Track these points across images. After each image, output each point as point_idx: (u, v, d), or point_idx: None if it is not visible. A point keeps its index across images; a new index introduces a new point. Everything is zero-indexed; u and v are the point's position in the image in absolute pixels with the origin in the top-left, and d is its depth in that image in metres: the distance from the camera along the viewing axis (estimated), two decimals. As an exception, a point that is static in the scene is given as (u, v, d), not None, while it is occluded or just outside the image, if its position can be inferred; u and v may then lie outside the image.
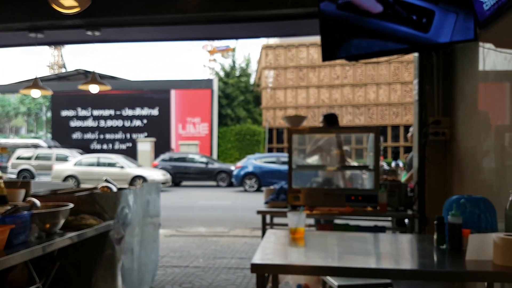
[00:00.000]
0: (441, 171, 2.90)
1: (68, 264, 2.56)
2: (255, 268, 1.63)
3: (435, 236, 1.82)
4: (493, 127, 2.23)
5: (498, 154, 2.15)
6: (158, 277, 4.38)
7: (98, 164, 14.03)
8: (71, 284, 2.59)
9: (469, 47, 2.56)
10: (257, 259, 1.68)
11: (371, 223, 3.34)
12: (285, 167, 10.21)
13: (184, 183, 16.25)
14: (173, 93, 22.41)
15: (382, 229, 3.06)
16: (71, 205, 2.23)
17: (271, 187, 3.53)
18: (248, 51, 63.82)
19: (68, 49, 45.46)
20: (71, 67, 42.59)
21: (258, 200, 3.29)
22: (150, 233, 3.37)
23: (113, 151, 20.60)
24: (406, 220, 3.14)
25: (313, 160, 3.74)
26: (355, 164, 3.77)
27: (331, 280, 2.45)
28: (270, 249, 1.89)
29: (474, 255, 1.60)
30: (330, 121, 3.79)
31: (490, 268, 1.51)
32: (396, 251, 1.86)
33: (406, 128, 24.55)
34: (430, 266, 1.60)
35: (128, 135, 22.16)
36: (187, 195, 13.00)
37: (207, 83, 22.79)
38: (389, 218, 3.51)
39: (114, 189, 2.89)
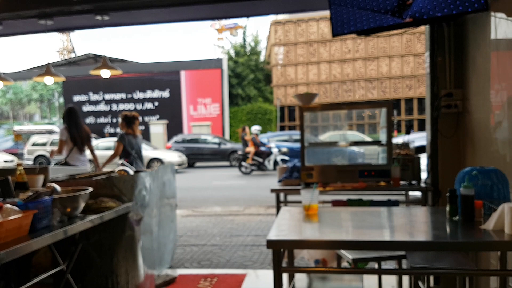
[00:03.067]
0: (454, 144, 2.88)
1: (90, 246, 2.67)
2: (270, 244, 1.68)
3: (447, 208, 1.84)
4: (505, 97, 2.20)
5: (511, 125, 2.13)
6: (177, 256, 4.52)
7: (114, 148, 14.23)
8: (93, 265, 2.70)
9: (480, 17, 2.50)
10: (273, 235, 1.73)
11: (384, 198, 3.37)
12: (297, 145, 10.32)
13: (198, 164, 16.43)
14: (183, 74, 22.39)
15: (396, 203, 3.08)
16: (90, 189, 2.30)
17: (285, 165, 3.56)
18: (257, 28, 62.68)
19: (76, 33, 45.47)
20: (80, 51, 42.69)
21: (271, 180, 3.34)
22: (168, 213, 3.47)
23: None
24: (419, 193, 3.15)
25: (325, 137, 3.75)
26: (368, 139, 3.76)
27: (346, 254, 2.51)
28: (285, 225, 1.93)
29: (488, 225, 1.61)
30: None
31: (503, 238, 1.53)
32: (410, 223, 1.89)
33: (420, 101, 24.18)
34: (443, 237, 1.63)
35: (140, 118, 22.37)
36: (201, 176, 13.17)
37: (216, 63, 22.66)
38: (403, 192, 3.52)
39: (131, 172, 2.96)
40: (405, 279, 3.02)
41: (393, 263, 3.86)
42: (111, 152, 5.37)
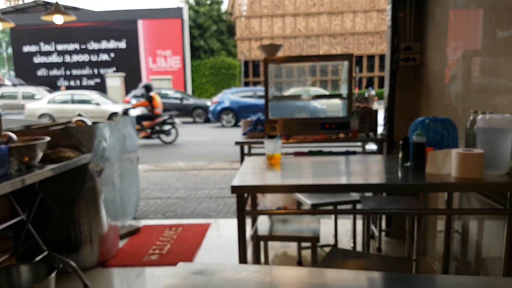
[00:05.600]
0: (410, 97, 3.01)
1: (50, 197, 2.62)
2: (234, 189, 1.73)
3: (400, 155, 1.96)
4: (460, 53, 2.29)
5: (464, 79, 2.24)
6: (141, 208, 4.55)
7: (73, 102, 13.62)
8: (54, 216, 2.67)
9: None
10: (237, 181, 1.78)
11: (343, 150, 3.51)
12: (262, 102, 10.23)
13: (159, 119, 16.07)
14: (140, 23, 21.27)
15: (353, 154, 3.23)
16: (48, 138, 2.23)
17: (249, 118, 3.59)
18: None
19: (21, -23, 41.41)
20: (27, -2, 39.13)
21: (236, 135, 3.36)
22: (129, 167, 3.44)
23: (81, 87, 19.90)
24: (375, 147, 3.30)
25: (290, 93, 3.79)
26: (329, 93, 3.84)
27: (305, 200, 2.63)
28: (249, 173, 1.98)
29: (433, 169, 1.75)
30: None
31: (450, 180, 1.66)
32: (365, 169, 2.00)
33: (381, 57, 24.58)
34: (395, 180, 1.75)
35: (95, 71, 21.32)
36: (163, 131, 12.93)
37: (176, 12, 21.61)
38: (359, 144, 3.68)
39: (89, 123, 2.87)
40: (359, 224, 3.23)
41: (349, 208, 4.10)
42: (69, 106, 5.13)
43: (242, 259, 1.77)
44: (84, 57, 21.22)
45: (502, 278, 0.84)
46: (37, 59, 21.44)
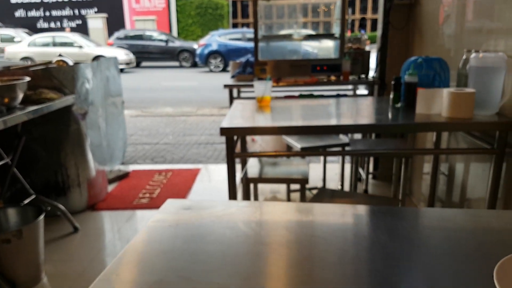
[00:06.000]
0: (404, 36, 2.92)
1: (34, 140, 2.57)
2: (224, 131, 1.70)
3: (391, 96, 1.93)
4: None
5: (458, 19, 2.16)
6: (129, 154, 4.53)
7: (54, 44, 13.08)
8: (40, 160, 2.64)
9: None
10: (226, 124, 1.75)
11: (334, 93, 3.47)
12: (251, 45, 9.86)
13: (144, 63, 15.47)
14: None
15: (344, 97, 3.19)
16: (28, 78, 2.13)
17: (238, 60, 3.48)
18: None
19: None
20: None
21: (224, 80, 3.27)
22: (114, 111, 3.36)
23: (62, 29, 18.98)
24: (366, 92, 3.26)
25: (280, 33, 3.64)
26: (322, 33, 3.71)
27: (295, 144, 2.63)
28: (238, 115, 1.95)
29: (423, 109, 1.73)
30: None
31: (440, 120, 1.65)
32: (355, 111, 1.98)
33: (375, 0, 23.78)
34: (384, 121, 1.73)
35: (76, 11, 20.23)
36: (148, 76, 12.60)
37: None
38: (350, 87, 3.63)
39: (70, 63, 2.75)
40: (347, 168, 3.28)
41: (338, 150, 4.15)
42: (51, 50, 4.89)
43: (232, 199, 1.79)
44: (63, -4, 20.05)
45: (487, 210, 0.85)
46: (13, -1, 20.20)
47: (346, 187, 3.09)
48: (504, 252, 0.69)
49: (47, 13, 20.32)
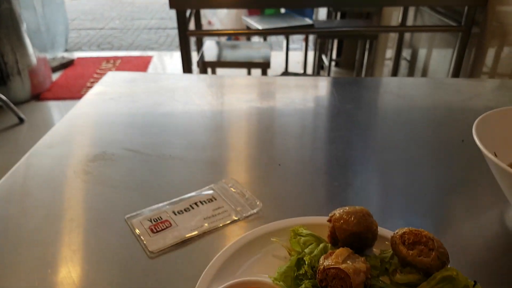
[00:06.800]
0: None
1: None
2: (173, 3, 1.50)
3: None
4: None
5: None
6: (72, 40, 4.12)
7: None
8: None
9: None
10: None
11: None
12: None
13: None
14: None
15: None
16: None
17: None
18: None
19: None
20: None
21: None
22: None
23: None
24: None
25: None
26: None
27: (256, 25, 2.44)
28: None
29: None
30: None
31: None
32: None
33: None
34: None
35: None
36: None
37: None
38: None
39: None
40: (310, 56, 3.16)
41: (301, 39, 4.00)
42: None
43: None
44: None
45: (451, 78, 0.83)
46: None
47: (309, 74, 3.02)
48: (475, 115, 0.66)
49: None
